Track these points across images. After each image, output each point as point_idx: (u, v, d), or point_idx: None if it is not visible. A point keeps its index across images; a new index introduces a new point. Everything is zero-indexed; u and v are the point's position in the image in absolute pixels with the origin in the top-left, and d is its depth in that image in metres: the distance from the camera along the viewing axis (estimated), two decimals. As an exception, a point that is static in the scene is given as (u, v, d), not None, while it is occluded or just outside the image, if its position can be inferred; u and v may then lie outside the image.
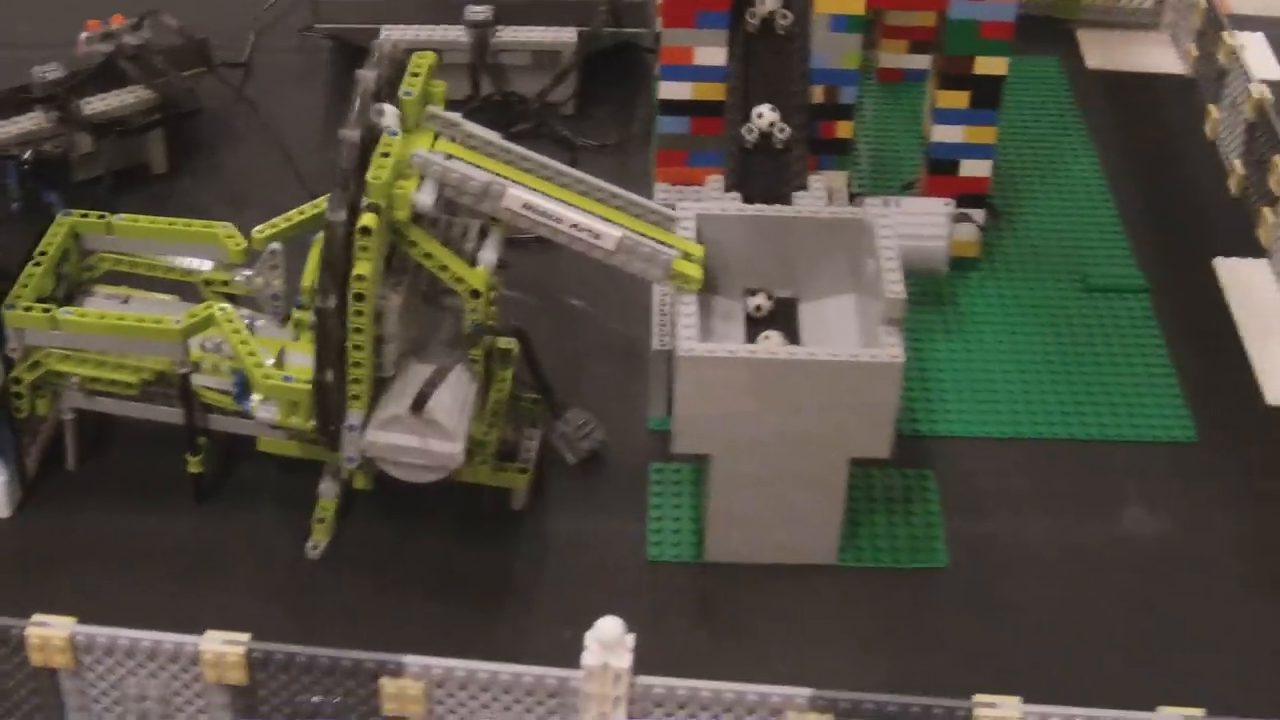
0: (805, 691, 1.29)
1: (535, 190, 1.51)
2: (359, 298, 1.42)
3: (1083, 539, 1.65)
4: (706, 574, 1.59)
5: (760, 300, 1.62)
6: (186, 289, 1.67)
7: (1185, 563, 1.63)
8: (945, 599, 1.58)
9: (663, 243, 1.53)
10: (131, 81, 1.95)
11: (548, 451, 1.69)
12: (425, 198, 1.46)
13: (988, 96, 1.85)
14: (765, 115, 1.74)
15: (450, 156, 1.50)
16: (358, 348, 1.45)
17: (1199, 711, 1.26)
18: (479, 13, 2.08)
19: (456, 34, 2.09)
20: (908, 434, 1.74)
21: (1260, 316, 1.90)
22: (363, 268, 1.41)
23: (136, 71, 1.95)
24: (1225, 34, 2.14)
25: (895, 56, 2.23)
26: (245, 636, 1.31)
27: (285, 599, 1.55)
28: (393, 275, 1.49)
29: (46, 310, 1.54)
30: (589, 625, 1.29)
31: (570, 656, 1.27)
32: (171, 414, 1.59)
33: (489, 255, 1.54)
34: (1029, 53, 2.31)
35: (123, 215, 1.65)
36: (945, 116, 1.86)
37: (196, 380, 1.57)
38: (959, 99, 1.85)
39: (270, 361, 1.53)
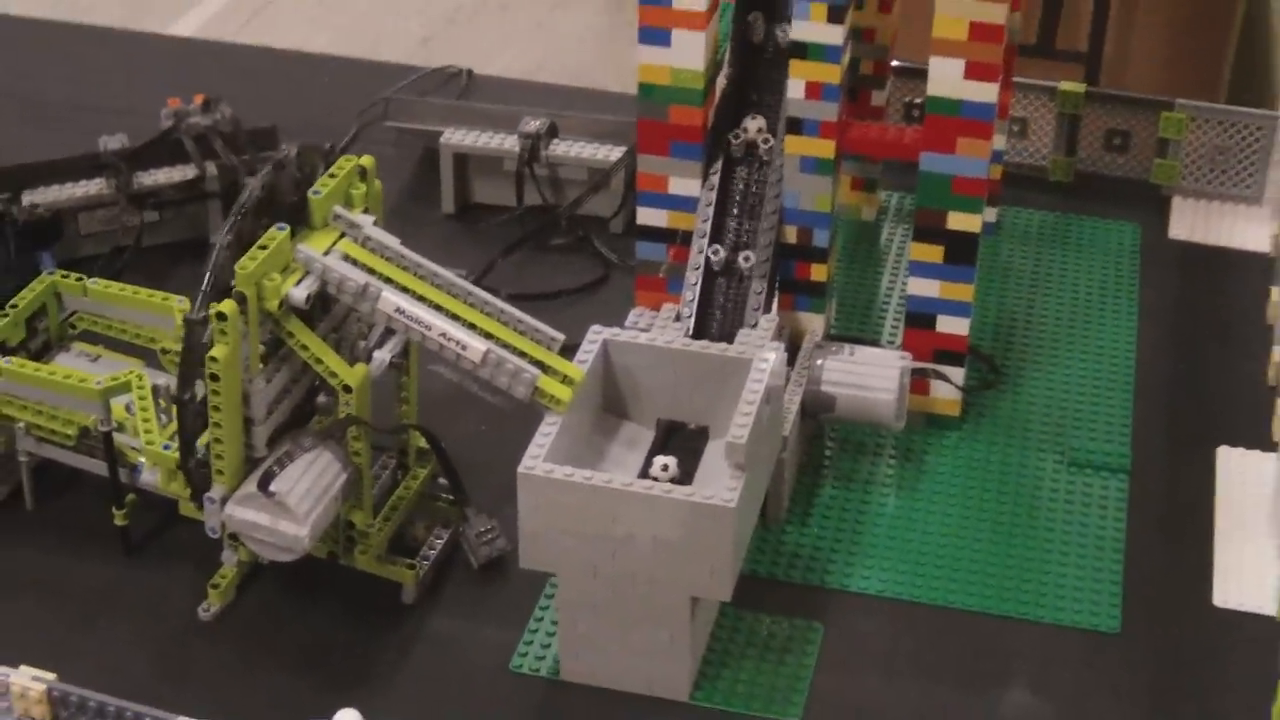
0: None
1: (410, 295, 1.57)
2: (214, 378, 1.51)
3: (951, 713, 1.61)
4: (557, 691, 1.62)
5: (666, 463, 1.61)
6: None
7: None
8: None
9: (535, 362, 1.58)
10: (191, 159, 2.09)
11: (459, 552, 1.75)
12: (299, 292, 1.55)
13: (962, 253, 1.83)
14: (730, 239, 1.77)
15: (347, 257, 1.59)
16: (218, 425, 1.54)
17: None
18: (531, 124, 2.16)
19: (511, 143, 2.17)
20: (815, 584, 1.73)
21: (1241, 512, 1.81)
22: (219, 351, 1.51)
23: (196, 150, 2.09)
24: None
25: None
26: (51, 675, 1.42)
27: (162, 652, 1.65)
28: (273, 362, 1.58)
29: (-3, 358, 1.69)
30: None
31: None
32: (101, 467, 1.72)
33: (382, 355, 1.62)
34: (1113, 216, 2.27)
35: (98, 280, 1.79)
36: (920, 270, 1.84)
37: (121, 440, 1.69)
38: (934, 253, 1.83)
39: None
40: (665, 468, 1.60)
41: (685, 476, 1.60)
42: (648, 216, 1.88)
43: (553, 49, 4.29)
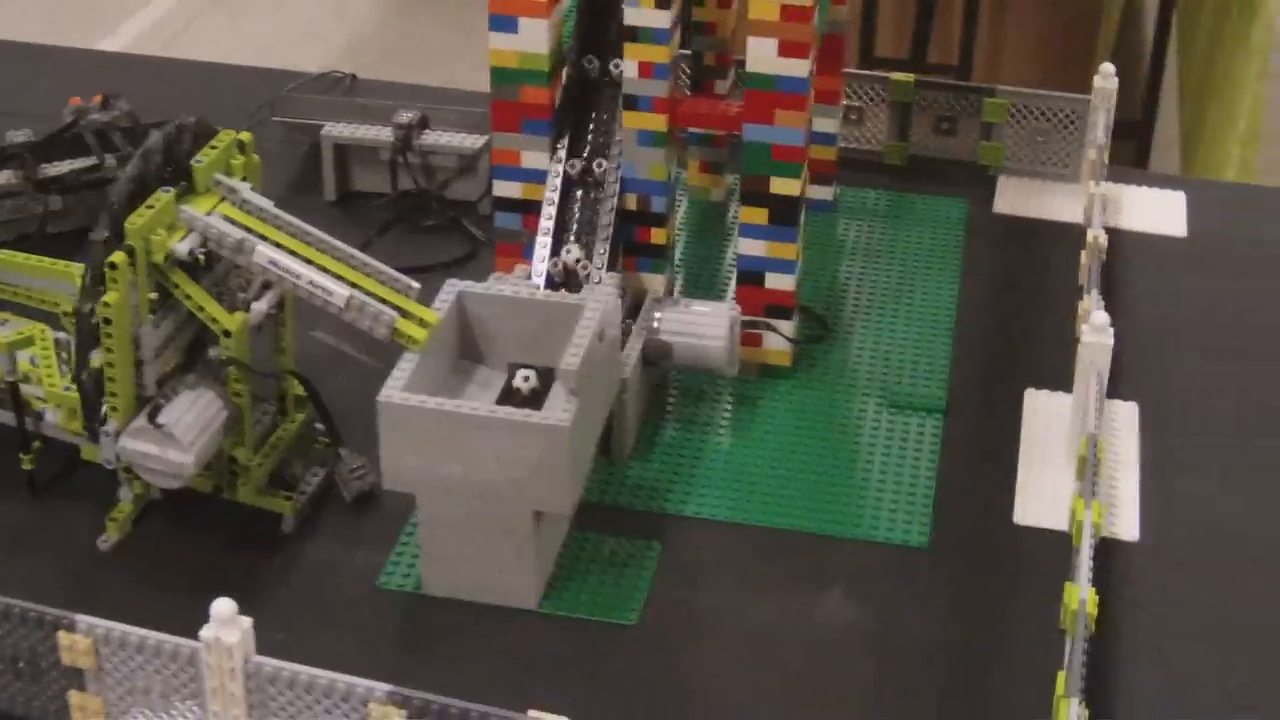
0: (385, 687, 1.50)
1: (283, 250, 1.76)
2: (106, 321, 1.70)
3: (772, 617, 1.81)
4: (419, 603, 1.81)
5: (527, 374, 1.82)
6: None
7: (862, 649, 1.77)
8: (625, 652, 1.76)
9: (395, 307, 1.77)
10: (90, 151, 2.28)
11: (334, 488, 1.93)
12: (182, 247, 1.74)
13: (785, 214, 2.03)
14: (573, 252, 1.97)
15: (226, 217, 1.78)
16: (110, 364, 1.73)
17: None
18: (404, 116, 2.36)
19: (386, 134, 2.37)
20: (655, 511, 1.93)
21: (1042, 445, 2.02)
22: (110, 297, 1.70)
23: (96, 143, 2.28)
24: (1091, 183, 2.27)
25: (798, 185, 2.42)
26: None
27: (64, 575, 1.83)
28: (162, 310, 1.77)
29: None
30: (303, 634, 1.65)
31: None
32: (9, 417, 1.89)
33: (260, 306, 1.81)
34: (945, 193, 2.49)
35: (4, 251, 1.97)
36: (748, 231, 2.05)
37: (27, 390, 1.87)
38: (759, 215, 2.03)
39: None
40: (526, 378, 1.80)
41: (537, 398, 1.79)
42: (503, 189, 2.07)
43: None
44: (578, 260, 1.96)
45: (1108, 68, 2.41)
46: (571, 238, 1.99)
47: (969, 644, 1.77)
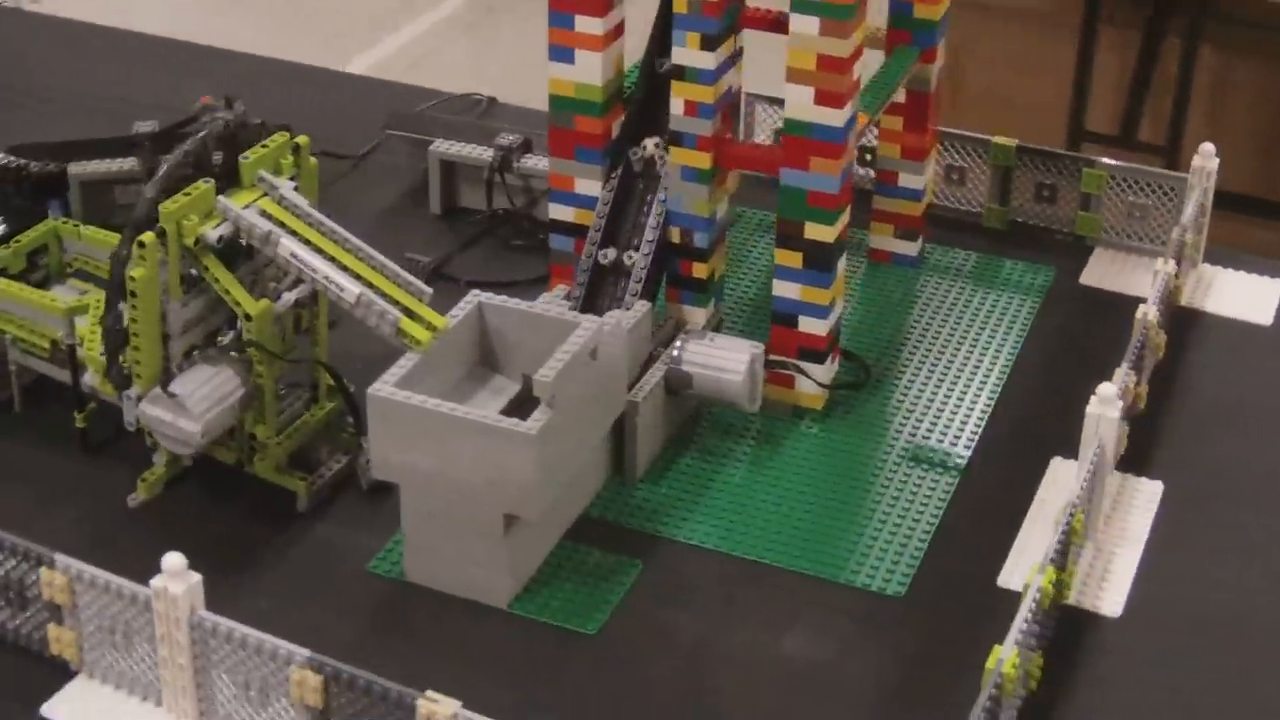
0: (305, 652, 1.61)
1: (308, 246, 1.89)
2: (133, 294, 1.85)
3: (733, 645, 1.85)
4: (400, 589, 1.91)
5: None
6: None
7: (811, 685, 1.80)
8: (579, 659, 1.83)
9: (404, 308, 1.88)
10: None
11: (354, 475, 2.05)
12: (212, 233, 1.88)
13: (819, 260, 2.07)
14: (610, 255, 2.06)
15: (263, 211, 1.91)
16: (135, 335, 1.87)
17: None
18: (506, 138, 2.48)
19: (488, 154, 2.49)
20: (648, 532, 1.99)
21: (1048, 513, 2.01)
22: (136, 272, 1.84)
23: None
24: (1161, 260, 2.25)
25: (884, 239, 2.45)
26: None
27: (92, 527, 1.99)
28: (195, 290, 1.91)
29: (-9, 279, 2.05)
30: (287, 605, 1.81)
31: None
32: (67, 377, 2.06)
33: (289, 296, 1.94)
34: (1038, 260, 2.49)
35: (92, 227, 2.15)
36: (783, 274, 2.10)
37: (84, 353, 2.03)
38: (794, 259, 2.08)
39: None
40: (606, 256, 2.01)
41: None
42: (558, 212, 2.17)
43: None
44: (657, 146, 2.06)
45: (1208, 147, 2.38)
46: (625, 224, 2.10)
47: (914, 691, 1.79)
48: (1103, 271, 2.48)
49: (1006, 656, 1.63)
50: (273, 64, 3.21)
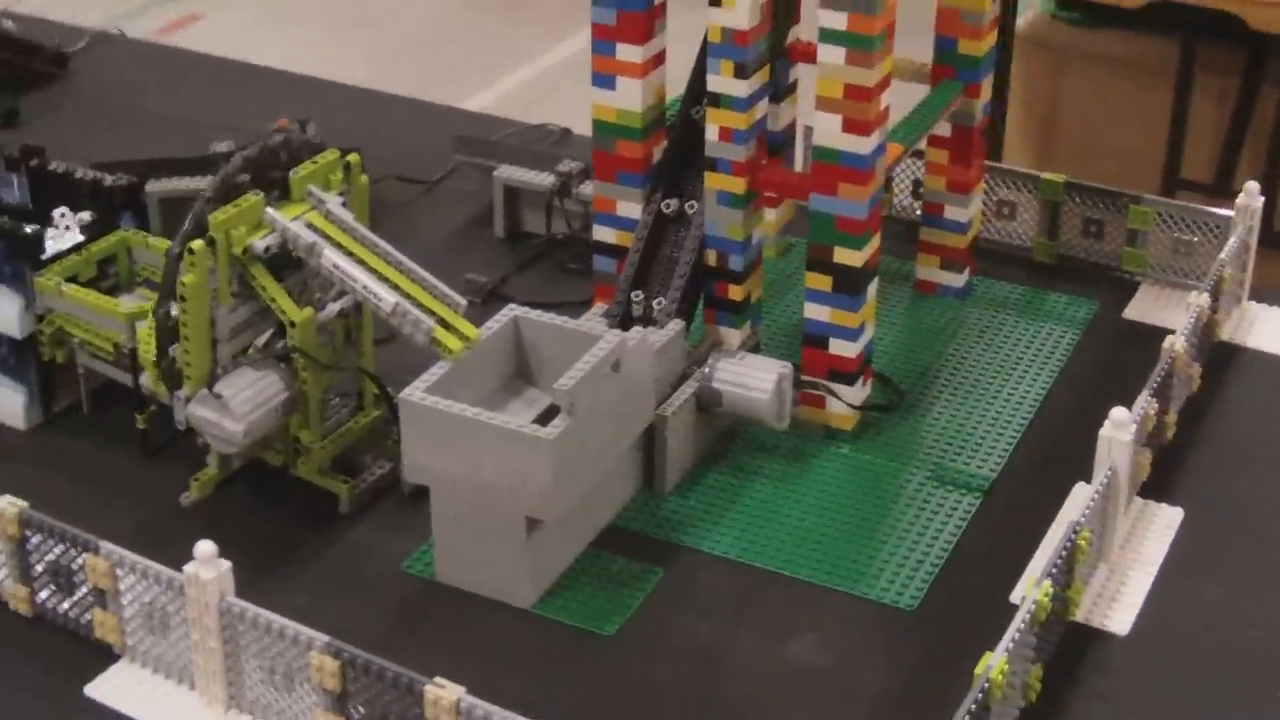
0: (324, 638, 1.70)
1: (350, 258, 1.99)
2: (182, 299, 1.96)
3: (743, 652, 1.91)
4: (431, 589, 1.99)
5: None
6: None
7: (816, 690, 1.86)
8: (594, 658, 1.90)
9: (439, 319, 1.97)
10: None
11: (397, 481, 2.14)
12: (260, 243, 1.98)
13: (848, 283, 2.13)
14: (643, 298, 2.15)
15: (310, 224, 2.02)
16: (186, 338, 1.98)
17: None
18: (566, 166, 2.57)
19: (550, 180, 2.58)
20: (673, 541, 2.06)
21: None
22: (186, 278, 1.95)
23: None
24: (1194, 294, 2.28)
25: (930, 270, 2.51)
26: (23, 503, 1.88)
27: (144, 522, 2.09)
28: (239, 297, 2.02)
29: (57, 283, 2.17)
30: (323, 600, 1.91)
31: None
32: (129, 379, 2.18)
33: (331, 307, 2.04)
34: (1082, 294, 2.53)
35: (159, 238, 2.27)
36: (813, 296, 2.16)
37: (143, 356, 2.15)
38: (824, 282, 2.15)
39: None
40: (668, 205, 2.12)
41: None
42: (601, 234, 2.25)
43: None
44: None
45: (1252, 186, 2.41)
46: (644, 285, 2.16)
47: (917, 699, 1.84)
48: (1147, 306, 2.51)
49: (995, 663, 1.68)
50: (369, 94, 3.35)
